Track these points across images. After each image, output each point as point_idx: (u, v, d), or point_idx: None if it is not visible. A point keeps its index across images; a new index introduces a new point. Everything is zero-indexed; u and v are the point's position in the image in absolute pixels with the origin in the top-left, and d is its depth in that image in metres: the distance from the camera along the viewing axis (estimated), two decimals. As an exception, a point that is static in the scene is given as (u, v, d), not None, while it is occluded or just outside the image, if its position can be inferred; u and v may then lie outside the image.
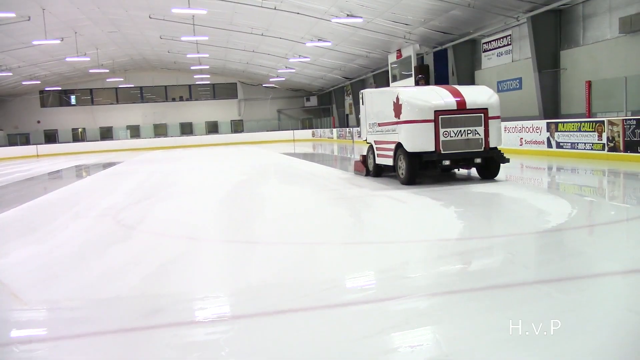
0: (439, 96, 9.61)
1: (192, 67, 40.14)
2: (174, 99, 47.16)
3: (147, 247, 5.99)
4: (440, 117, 9.34)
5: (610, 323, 3.16)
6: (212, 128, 46.89)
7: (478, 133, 9.51)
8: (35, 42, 25.77)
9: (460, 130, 9.43)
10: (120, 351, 3.10)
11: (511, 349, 2.84)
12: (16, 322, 3.78)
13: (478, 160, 9.66)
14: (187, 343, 3.17)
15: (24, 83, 38.76)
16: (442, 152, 9.36)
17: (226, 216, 8.06)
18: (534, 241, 5.43)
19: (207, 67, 40.16)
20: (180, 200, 10.10)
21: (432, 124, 9.35)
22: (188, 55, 33.93)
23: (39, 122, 44.22)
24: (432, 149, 9.38)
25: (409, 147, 9.55)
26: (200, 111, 46.95)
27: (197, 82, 46.20)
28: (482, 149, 9.56)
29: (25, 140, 42.55)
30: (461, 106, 9.45)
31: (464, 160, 9.65)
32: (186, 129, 46.48)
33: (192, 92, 47.40)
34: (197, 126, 46.70)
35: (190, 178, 14.93)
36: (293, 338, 3.15)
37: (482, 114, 9.55)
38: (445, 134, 9.35)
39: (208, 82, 46.51)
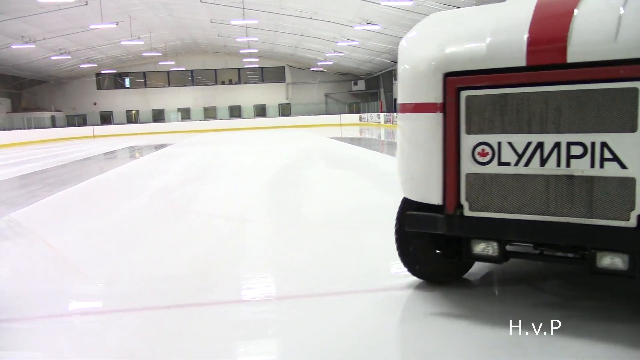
0: (479, 24, 2.80)
1: (241, 51, 40.53)
2: (223, 82, 47.84)
3: (197, 227, 6.17)
4: (464, 95, 2.69)
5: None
6: (260, 111, 47.33)
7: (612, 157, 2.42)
8: (92, 26, 26.68)
9: (541, 145, 2.54)
10: (171, 326, 3.24)
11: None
12: (77, 294, 4.00)
13: (614, 261, 2.51)
14: (234, 321, 3.28)
15: (81, 66, 40.24)
16: (465, 212, 2.81)
17: (274, 198, 8.19)
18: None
19: (256, 50, 40.45)
20: (230, 182, 10.31)
21: (436, 118, 2.80)
22: (237, 39, 34.28)
23: (95, 104, 45.88)
24: (436, 199, 2.91)
25: (405, 190, 3.21)
26: (249, 94, 47.46)
27: (245, 66, 46.66)
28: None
29: (82, 121, 44.24)
30: (550, 56, 2.46)
31: (552, 247, 2.78)
32: (235, 112, 47.12)
33: (241, 76, 47.93)
34: (245, 109, 47.26)
35: (239, 160, 15.19)
36: (337, 320, 3.21)
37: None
38: (483, 155, 2.70)
39: (257, 66, 46.89)
